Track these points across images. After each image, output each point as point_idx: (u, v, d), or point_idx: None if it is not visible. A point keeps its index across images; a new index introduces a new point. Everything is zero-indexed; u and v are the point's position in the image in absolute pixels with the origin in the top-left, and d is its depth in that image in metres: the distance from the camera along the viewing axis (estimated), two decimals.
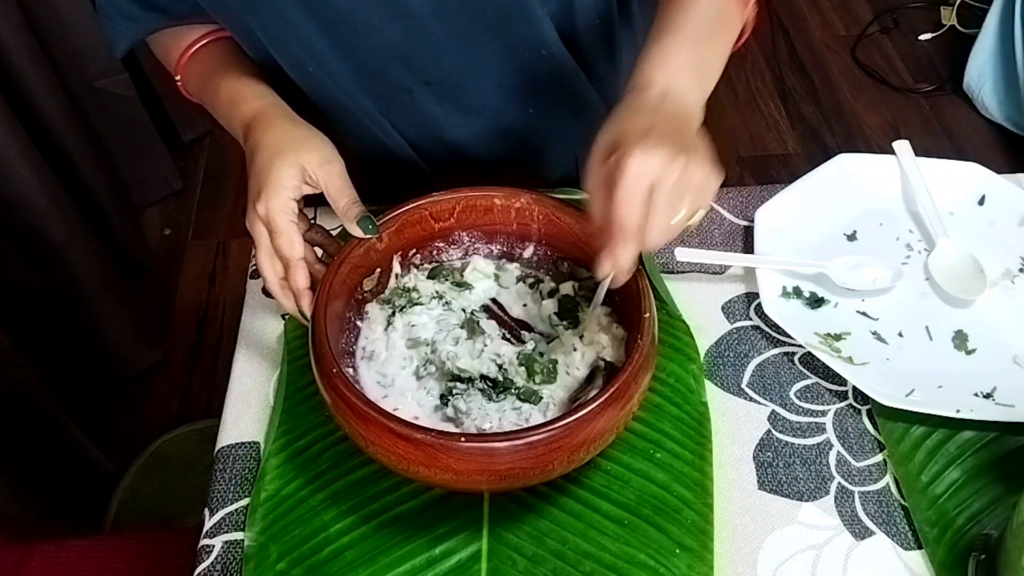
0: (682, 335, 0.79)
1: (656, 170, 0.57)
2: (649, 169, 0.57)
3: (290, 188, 0.68)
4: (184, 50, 0.83)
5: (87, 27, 1.72)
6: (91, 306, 1.61)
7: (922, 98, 2.32)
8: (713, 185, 0.60)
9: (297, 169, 0.69)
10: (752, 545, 0.68)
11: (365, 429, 0.62)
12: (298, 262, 0.68)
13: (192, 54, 0.83)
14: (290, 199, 0.68)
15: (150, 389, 1.76)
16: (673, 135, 0.59)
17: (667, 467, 0.70)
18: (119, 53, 0.87)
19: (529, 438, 0.59)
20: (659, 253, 0.87)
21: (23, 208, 1.44)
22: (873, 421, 0.75)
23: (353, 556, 0.66)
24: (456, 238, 0.78)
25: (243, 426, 0.76)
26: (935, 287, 0.84)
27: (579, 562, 0.65)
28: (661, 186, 0.57)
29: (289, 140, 0.71)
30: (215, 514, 0.71)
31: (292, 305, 0.70)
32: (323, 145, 0.72)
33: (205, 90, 0.81)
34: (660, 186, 0.57)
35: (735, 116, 2.30)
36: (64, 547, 1.10)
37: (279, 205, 0.68)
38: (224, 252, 2.00)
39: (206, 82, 0.81)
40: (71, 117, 1.64)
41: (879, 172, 0.92)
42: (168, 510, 1.57)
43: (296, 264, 0.68)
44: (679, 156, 0.58)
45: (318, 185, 0.70)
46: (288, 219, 0.68)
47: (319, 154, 0.70)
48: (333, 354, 0.65)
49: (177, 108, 2.11)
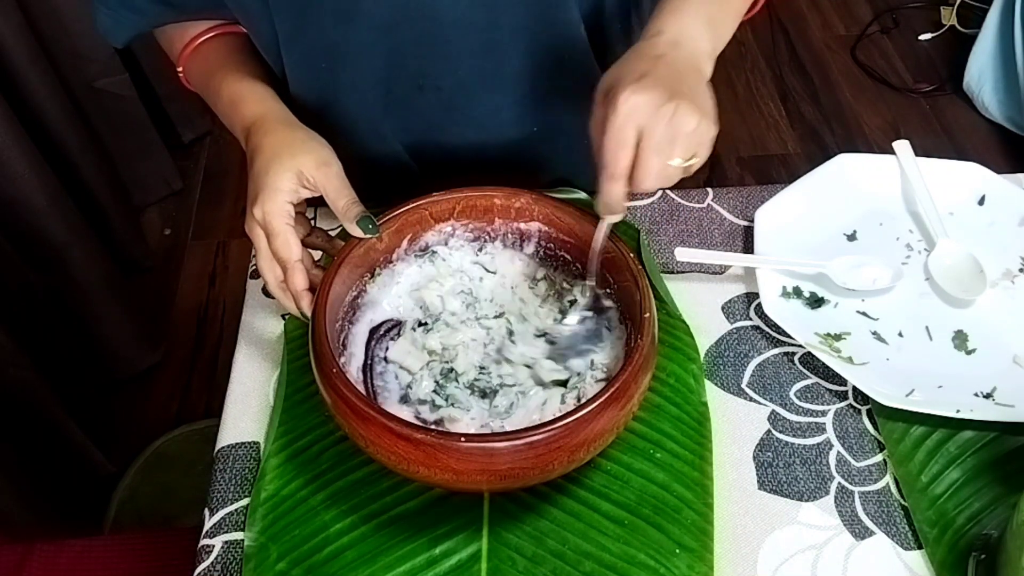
0: (682, 335, 0.79)
1: (644, 112, 0.58)
2: (636, 110, 0.58)
3: (286, 191, 0.69)
4: (189, 42, 0.83)
5: (87, 28, 1.71)
6: (91, 306, 1.61)
7: (922, 98, 2.32)
8: (707, 133, 0.61)
9: (293, 173, 0.69)
10: (752, 545, 0.68)
11: (365, 429, 0.62)
12: (295, 264, 0.68)
13: (196, 47, 0.83)
14: (286, 202, 0.69)
15: (150, 389, 1.76)
16: (670, 80, 0.60)
17: (667, 467, 0.70)
18: (119, 42, 0.87)
19: (529, 438, 0.59)
20: (659, 253, 0.87)
21: (23, 208, 1.44)
22: (873, 421, 0.75)
23: (353, 556, 0.66)
24: (456, 238, 0.78)
25: (243, 426, 0.76)
26: (935, 287, 0.84)
27: (579, 562, 0.65)
28: (650, 130, 0.58)
29: (287, 144, 0.71)
30: (215, 514, 0.71)
31: (293, 306, 0.70)
32: (321, 148, 0.72)
33: (208, 86, 0.81)
34: (649, 130, 0.58)
35: (735, 116, 2.30)
36: (64, 547, 1.10)
37: (275, 208, 0.68)
38: (224, 252, 1.99)
39: (209, 78, 0.81)
40: (71, 117, 1.64)
41: (879, 172, 0.92)
42: (168, 510, 1.57)
43: (293, 267, 0.68)
44: (670, 101, 0.58)
45: (316, 188, 0.70)
46: (284, 222, 0.68)
47: (316, 157, 0.70)
48: (333, 354, 0.65)
49: (177, 108, 2.11)
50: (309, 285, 0.69)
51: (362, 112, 0.84)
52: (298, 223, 0.70)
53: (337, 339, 0.70)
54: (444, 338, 0.74)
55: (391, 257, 0.76)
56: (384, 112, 0.85)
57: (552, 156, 0.93)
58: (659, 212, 0.91)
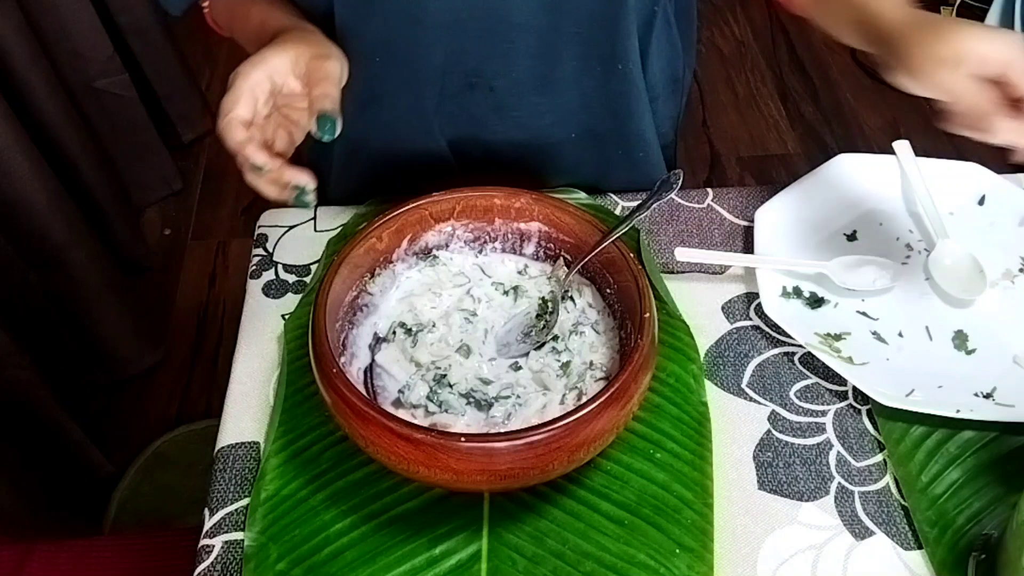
0: (682, 335, 0.79)
1: None
2: None
3: (270, 66, 0.64)
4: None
5: (87, 27, 1.72)
6: (91, 306, 1.61)
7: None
8: None
9: (288, 55, 0.65)
10: (752, 545, 0.68)
11: (365, 429, 0.62)
12: (229, 118, 0.62)
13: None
14: (264, 75, 0.64)
15: (150, 389, 1.76)
16: None
17: (667, 467, 0.70)
18: (178, 11, 0.84)
19: (529, 438, 0.59)
20: (659, 253, 0.87)
21: (23, 208, 1.44)
22: (873, 421, 0.75)
23: (353, 556, 0.66)
24: (456, 238, 0.78)
25: (243, 426, 0.76)
26: (935, 287, 0.84)
27: (579, 562, 0.65)
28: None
29: (301, 37, 0.68)
30: (215, 514, 0.71)
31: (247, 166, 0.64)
32: (328, 46, 0.68)
33: (234, 15, 0.78)
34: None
35: (735, 116, 2.30)
36: (64, 547, 1.10)
37: (247, 70, 0.63)
38: (224, 252, 1.99)
39: (236, 6, 0.78)
40: (71, 117, 1.64)
41: (879, 172, 0.92)
42: (168, 510, 1.57)
43: (228, 120, 0.62)
44: None
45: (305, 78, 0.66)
46: (247, 84, 0.63)
47: (319, 50, 0.67)
48: (333, 354, 0.65)
49: (177, 108, 2.10)
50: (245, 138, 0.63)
51: (413, 107, 0.84)
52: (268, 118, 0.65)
53: (337, 339, 0.70)
54: (433, 352, 0.73)
55: (391, 257, 0.76)
56: (435, 109, 0.85)
57: (584, 161, 0.93)
58: (659, 212, 0.91)
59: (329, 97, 0.65)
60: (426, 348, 0.73)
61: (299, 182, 0.63)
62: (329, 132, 0.65)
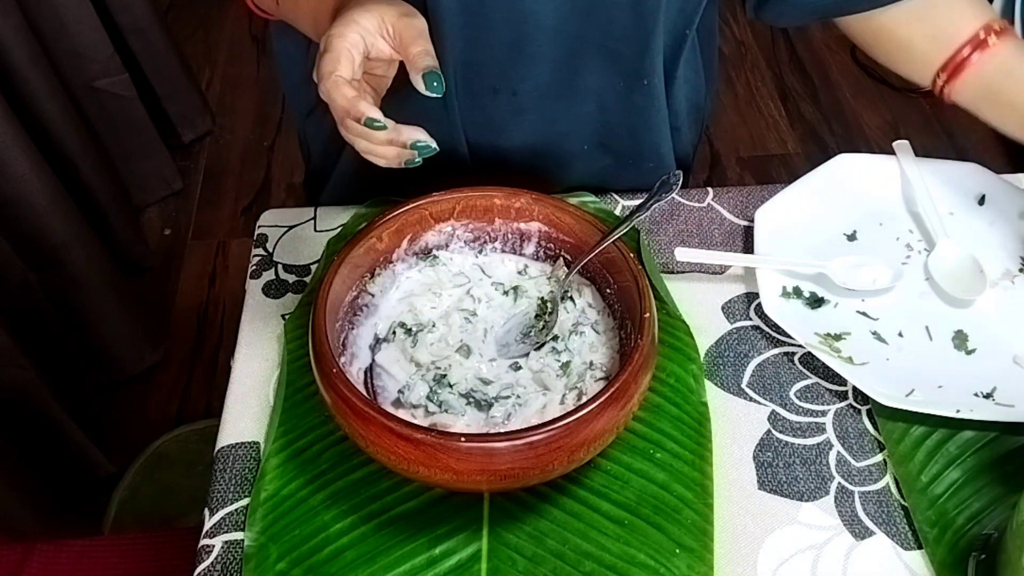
0: (682, 335, 0.79)
1: None
2: None
3: (362, 26, 0.63)
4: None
5: (87, 27, 1.72)
6: (91, 306, 1.61)
7: (922, 98, 2.31)
8: None
9: (376, 16, 0.64)
10: (752, 545, 0.68)
11: (365, 429, 0.62)
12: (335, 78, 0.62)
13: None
14: (357, 35, 0.63)
15: (150, 389, 1.76)
16: None
17: (667, 467, 0.70)
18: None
19: (529, 438, 0.59)
20: (659, 253, 0.87)
21: (23, 208, 1.44)
22: (873, 421, 0.75)
23: (353, 556, 0.66)
24: (456, 239, 0.78)
25: (243, 426, 0.76)
26: (935, 287, 0.84)
27: (579, 562, 0.65)
28: None
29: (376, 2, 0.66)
30: (215, 514, 0.71)
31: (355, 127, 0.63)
32: (407, 6, 0.67)
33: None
34: None
35: (735, 116, 2.30)
36: (64, 547, 1.10)
37: (342, 30, 0.62)
38: (224, 252, 1.99)
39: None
40: (71, 117, 1.64)
41: (879, 172, 0.92)
42: (168, 510, 1.57)
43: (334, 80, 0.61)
44: None
45: (394, 38, 0.65)
46: (344, 44, 0.62)
47: (402, 9, 0.66)
48: (333, 354, 0.65)
49: (177, 108, 2.10)
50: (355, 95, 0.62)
51: (436, 108, 0.84)
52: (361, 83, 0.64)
53: (337, 339, 0.70)
54: (433, 352, 0.73)
55: (391, 257, 0.76)
56: (459, 111, 0.85)
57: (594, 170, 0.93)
58: (659, 212, 0.91)
59: (429, 53, 0.64)
60: (426, 348, 0.73)
61: (420, 138, 0.63)
62: (438, 89, 0.64)
